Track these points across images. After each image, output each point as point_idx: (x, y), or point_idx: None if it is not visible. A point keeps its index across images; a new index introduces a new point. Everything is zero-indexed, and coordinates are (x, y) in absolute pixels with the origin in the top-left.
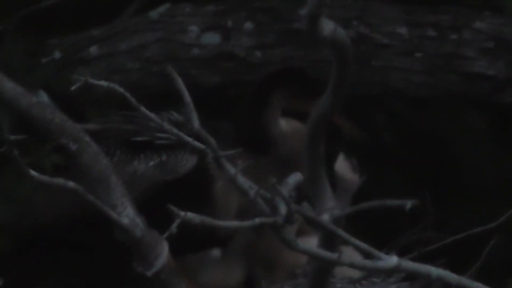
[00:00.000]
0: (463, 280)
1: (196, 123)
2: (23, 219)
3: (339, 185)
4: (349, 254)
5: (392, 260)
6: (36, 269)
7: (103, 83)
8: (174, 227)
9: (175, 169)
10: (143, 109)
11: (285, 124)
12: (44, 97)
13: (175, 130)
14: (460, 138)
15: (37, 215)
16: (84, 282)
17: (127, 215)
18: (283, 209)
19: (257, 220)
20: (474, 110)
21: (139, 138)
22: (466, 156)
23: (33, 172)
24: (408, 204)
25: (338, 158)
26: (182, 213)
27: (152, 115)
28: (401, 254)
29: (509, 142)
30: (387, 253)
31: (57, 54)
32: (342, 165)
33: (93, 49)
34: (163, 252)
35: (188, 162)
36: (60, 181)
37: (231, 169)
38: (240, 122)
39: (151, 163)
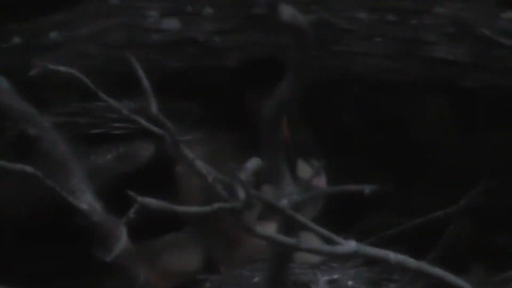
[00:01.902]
0: (423, 265)
1: (154, 108)
2: None
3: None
4: (309, 239)
5: (351, 245)
6: None
7: (62, 68)
8: (132, 212)
9: (134, 159)
10: (101, 94)
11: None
12: (3, 82)
13: (133, 116)
14: (422, 123)
15: None
16: (46, 269)
17: (85, 200)
18: (241, 194)
19: (216, 206)
20: (436, 94)
21: (95, 131)
22: (428, 141)
23: None
24: (367, 189)
25: (297, 165)
26: (140, 198)
27: (111, 100)
28: (361, 239)
29: (471, 127)
30: (346, 238)
31: (16, 39)
32: (304, 171)
33: (54, 34)
34: (122, 237)
35: (146, 151)
36: (18, 166)
37: (189, 154)
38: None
39: (109, 156)
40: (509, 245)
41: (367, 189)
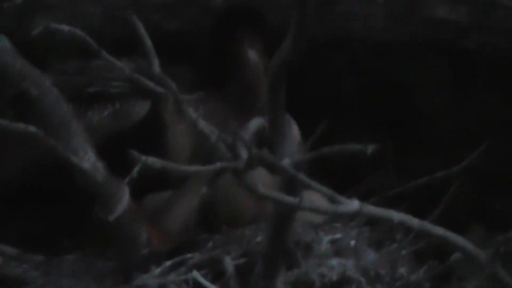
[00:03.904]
0: (425, 224)
1: (157, 68)
2: None
3: None
4: (312, 199)
5: (354, 204)
6: None
7: (64, 27)
8: (135, 172)
9: (130, 116)
10: (104, 53)
11: (253, 54)
12: (5, 42)
13: (136, 75)
14: (422, 84)
15: None
16: (46, 231)
17: (88, 160)
18: (244, 154)
19: (218, 165)
20: (436, 56)
21: (93, 89)
22: (428, 102)
23: None
24: (369, 148)
25: None
26: (143, 158)
27: (113, 59)
28: (363, 199)
29: (471, 88)
30: (348, 197)
31: None
32: None
33: None
34: (124, 196)
35: (141, 109)
36: (21, 126)
37: (192, 114)
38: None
39: (105, 113)
40: (508, 206)
41: (369, 148)
